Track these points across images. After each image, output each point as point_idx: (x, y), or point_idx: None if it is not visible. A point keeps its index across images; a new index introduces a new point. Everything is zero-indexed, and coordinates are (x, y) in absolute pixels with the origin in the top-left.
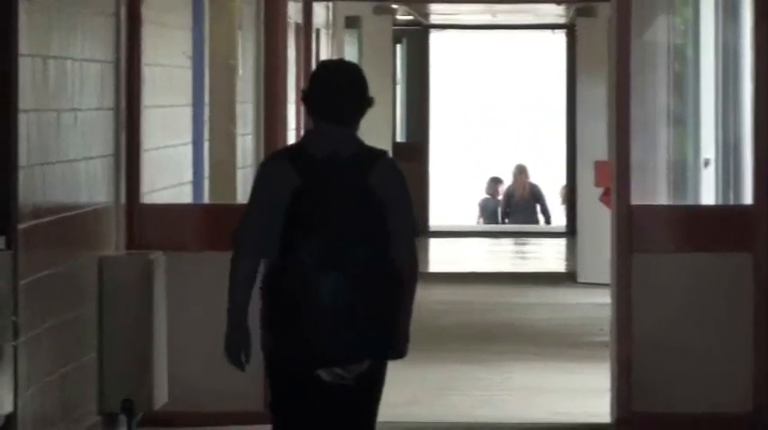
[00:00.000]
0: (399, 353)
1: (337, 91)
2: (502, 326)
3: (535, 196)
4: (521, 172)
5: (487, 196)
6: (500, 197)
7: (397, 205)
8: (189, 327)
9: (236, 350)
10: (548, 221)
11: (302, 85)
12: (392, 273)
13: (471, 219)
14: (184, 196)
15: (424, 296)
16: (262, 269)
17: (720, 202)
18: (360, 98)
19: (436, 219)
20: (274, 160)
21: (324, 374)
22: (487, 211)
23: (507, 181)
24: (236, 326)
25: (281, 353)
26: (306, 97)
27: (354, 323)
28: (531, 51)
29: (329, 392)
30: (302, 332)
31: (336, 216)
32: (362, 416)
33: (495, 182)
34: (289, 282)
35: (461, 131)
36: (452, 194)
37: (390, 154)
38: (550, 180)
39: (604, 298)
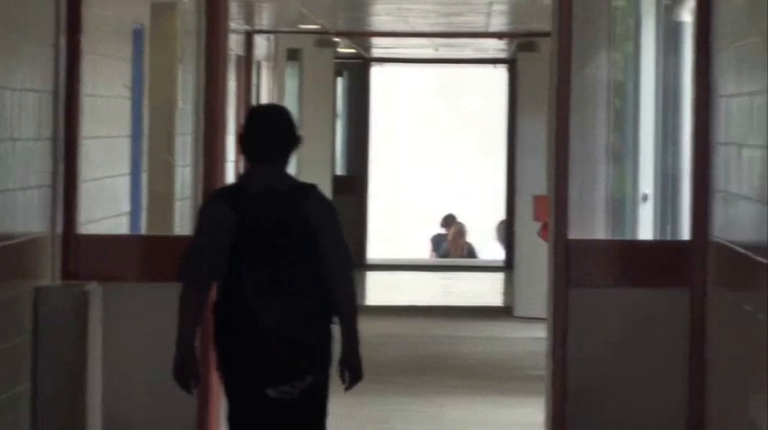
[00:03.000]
0: (355, 373)
1: (267, 134)
2: (438, 360)
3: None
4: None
5: (441, 232)
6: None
7: (331, 234)
8: (124, 358)
9: (183, 374)
10: None
11: (243, 117)
12: (327, 296)
13: (413, 251)
14: (122, 227)
15: (361, 329)
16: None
17: (658, 237)
18: (287, 139)
19: (375, 252)
20: (213, 201)
21: (272, 392)
22: (438, 245)
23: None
24: (184, 352)
25: (231, 375)
26: (241, 141)
27: (295, 344)
28: (472, 85)
29: (279, 407)
30: (249, 355)
31: (277, 246)
32: (312, 426)
33: (449, 219)
34: (235, 309)
35: (402, 164)
36: (393, 227)
37: (330, 187)
38: (489, 214)
39: (541, 332)
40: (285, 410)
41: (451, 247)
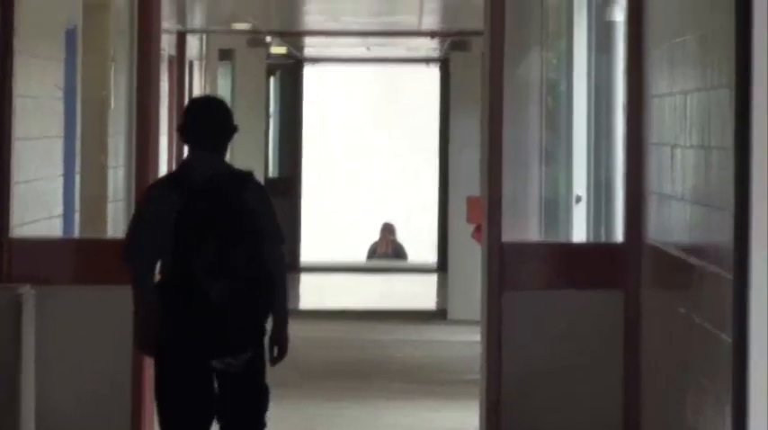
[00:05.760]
0: (282, 350)
1: (208, 123)
2: (372, 364)
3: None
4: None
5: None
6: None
7: (267, 216)
8: (58, 362)
9: (151, 343)
10: None
11: (175, 117)
12: (267, 275)
13: (347, 253)
14: (54, 230)
15: (294, 332)
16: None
17: (592, 239)
18: (226, 128)
19: (309, 255)
20: (157, 186)
21: (216, 363)
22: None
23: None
24: (150, 323)
25: (178, 348)
26: (181, 130)
27: (240, 320)
28: (406, 85)
29: (222, 378)
30: (197, 329)
31: (220, 227)
32: (254, 396)
33: (387, 228)
34: (184, 287)
35: (336, 165)
36: (327, 229)
37: None
38: (423, 214)
39: (475, 335)
40: (230, 382)
41: (379, 245)
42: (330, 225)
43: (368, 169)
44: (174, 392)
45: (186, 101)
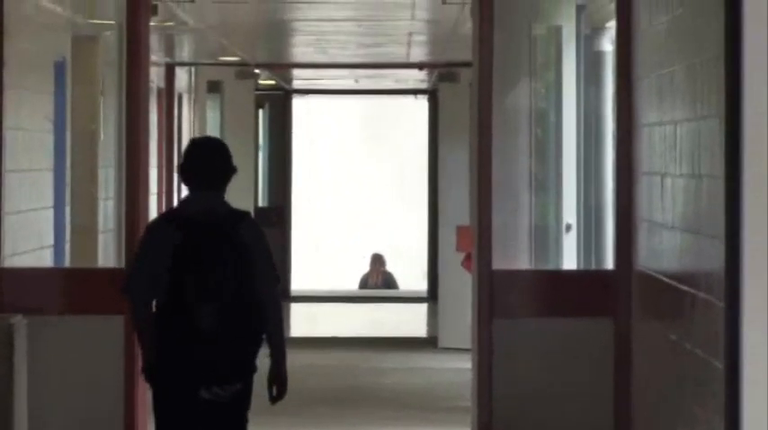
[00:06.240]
0: (281, 389)
1: (207, 164)
2: (363, 391)
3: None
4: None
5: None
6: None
7: (261, 255)
8: (49, 391)
9: (154, 376)
10: None
11: (165, 149)
12: (257, 306)
13: (337, 282)
14: (45, 260)
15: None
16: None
17: (582, 267)
18: (225, 169)
19: (299, 284)
20: (157, 222)
21: (205, 393)
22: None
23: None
24: (146, 353)
25: (168, 376)
26: (181, 170)
27: (229, 348)
28: (395, 115)
29: (209, 409)
30: (187, 358)
31: (212, 256)
32: (236, 425)
33: (377, 259)
34: (176, 315)
35: (325, 195)
36: (317, 258)
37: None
38: (414, 243)
39: (466, 363)
40: (214, 412)
41: (370, 276)
42: (320, 254)
43: (358, 199)
44: (165, 420)
45: (175, 132)
